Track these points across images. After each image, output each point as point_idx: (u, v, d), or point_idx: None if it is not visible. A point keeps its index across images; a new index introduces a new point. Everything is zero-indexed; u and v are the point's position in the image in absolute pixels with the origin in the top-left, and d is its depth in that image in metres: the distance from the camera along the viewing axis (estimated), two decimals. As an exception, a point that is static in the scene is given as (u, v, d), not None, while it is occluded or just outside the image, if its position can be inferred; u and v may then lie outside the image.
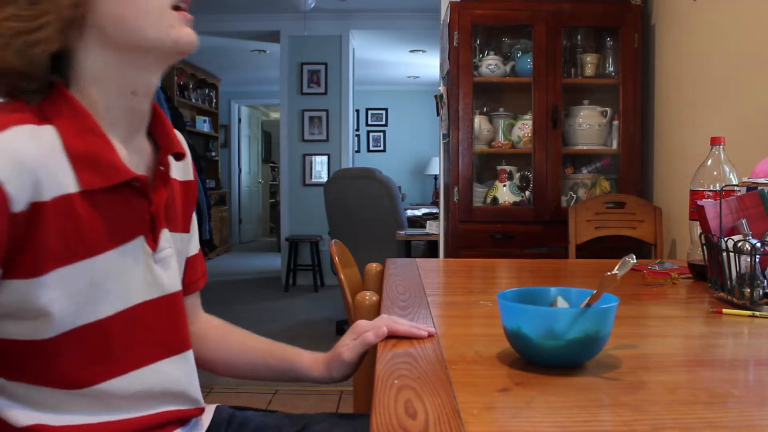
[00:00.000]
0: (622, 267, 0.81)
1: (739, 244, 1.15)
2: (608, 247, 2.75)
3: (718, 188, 1.39)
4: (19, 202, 0.69)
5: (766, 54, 2.06)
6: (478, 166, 3.19)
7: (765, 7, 2.07)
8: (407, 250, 4.42)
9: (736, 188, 1.36)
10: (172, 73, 6.30)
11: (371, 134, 9.42)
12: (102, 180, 0.77)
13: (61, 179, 0.74)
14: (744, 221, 1.21)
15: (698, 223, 1.30)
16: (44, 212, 0.72)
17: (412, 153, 9.30)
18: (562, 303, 0.86)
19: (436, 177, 8.92)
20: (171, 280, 0.90)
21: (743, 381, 0.78)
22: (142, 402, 0.84)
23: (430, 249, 4.82)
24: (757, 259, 1.13)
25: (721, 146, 1.45)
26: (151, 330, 0.86)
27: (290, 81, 6.50)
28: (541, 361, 0.79)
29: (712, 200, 1.33)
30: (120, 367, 0.81)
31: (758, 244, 1.13)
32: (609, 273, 0.80)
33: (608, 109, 3.01)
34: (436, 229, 3.91)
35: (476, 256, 2.80)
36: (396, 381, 0.75)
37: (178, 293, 0.91)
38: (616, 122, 2.99)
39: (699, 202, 1.29)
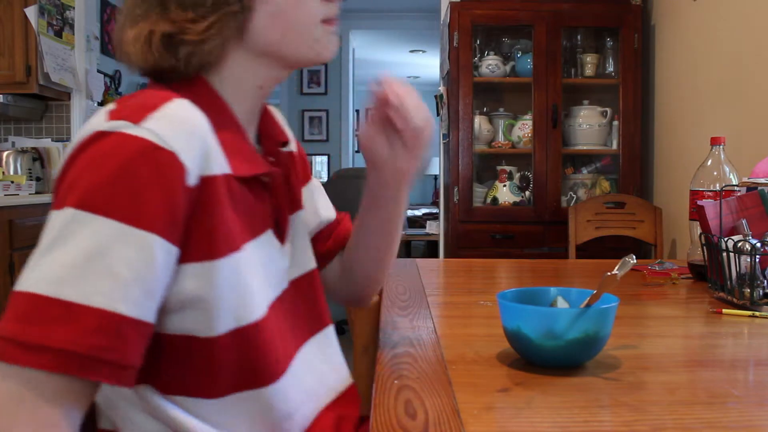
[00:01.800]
0: (622, 267, 0.81)
1: (739, 244, 1.15)
2: (608, 247, 2.75)
3: (718, 188, 1.39)
4: (192, 175, 0.65)
5: (766, 54, 2.06)
6: (478, 166, 3.19)
7: (765, 7, 2.07)
8: (407, 250, 4.42)
9: (736, 188, 1.36)
10: (172, 73, 6.30)
11: (371, 134, 9.40)
12: (248, 168, 0.74)
13: (217, 157, 0.69)
14: (744, 221, 1.21)
15: (698, 223, 1.30)
16: (216, 187, 0.68)
17: (412, 153, 9.29)
18: (562, 303, 0.86)
19: (436, 177, 8.92)
20: (299, 267, 0.87)
21: (743, 381, 0.78)
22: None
23: (430, 249, 4.81)
24: (757, 259, 1.13)
25: (721, 146, 1.45)
26: (292, 320, 0.83)
27: (290, 81, 6.49)
28: (541, 361, 0.79)
29: (712, 200, 1.33)
30: (276, 368, 0.76)
31: (758, 244, 1.13)
32: (609, 273, 0.80)
33: (608, 109, 3.01)
34: (436, 229, 3.91)
35: (476, 256, 2.80)
36: (396, 381, 0.75)
37: (309, 274, 0.88)
38: (616, 122, 2.99)
39: (699, 202, 1.29)
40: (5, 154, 3.14)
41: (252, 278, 0.74)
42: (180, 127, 0.64)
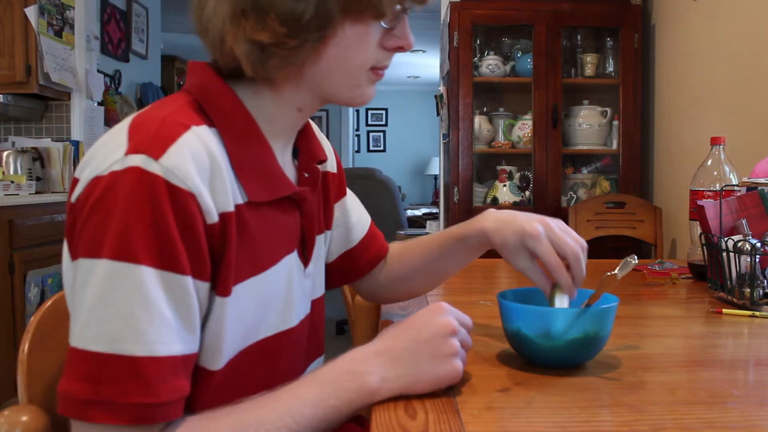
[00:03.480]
0: (623, 267, 0.81)
1: (739, 244, 1.15)
2: (608, 247, 2.75)
3: (718, 188, 1.39)
4: (212, 213, 0.66)
5: (766, 54, 2.06)
6: (478, 166, 3.19)
7: (765, 8, 2.07)
8: (407, 250, 4.40)
9: (736, 188, 1.36)
10: (172, 73, 6.30)
11: (371, 134, 9.42)
12: (267, 193, 0.74)
13: (231, 187, 0.69)
14: (744, 221, 1.21)
15: (698, 223, 1.30)
16: (230, 223, 0.68)
17: (412, 153, 9.30)
18: (560, 299, 0.85)
19: (436, 177, 8.92)
20: (317, 289, 0.89)
21: (743, 381, 0.78)
22: None
23: (430, 249, 4.80)
24: (757, 259, 1.13)
25: (721, 146, 1.45)
26: (301, 343, 0.84)
27: (290, 81, 6.47)
28: (541, 361, 0.79)
29: (712, 200, 1.33)
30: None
31: (758, 244, 1.13)
32: (609, 273, 0.80)
33: (608, 109, 3.01)
34: (436, 228, 3.92)
35: (476, 256, 2.79)
36: (396, 381, 0.75)
37: (320, 299, 0.90)
38: (616, 122, 2.99)
39: (699, 202, 1.29)
40: (5, 154, 3.14)
41: (271, 300, 0.76)
42: (197, 166, 0.65)
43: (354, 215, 1.00)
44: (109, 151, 0.64)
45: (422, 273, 1.02)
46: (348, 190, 1.01)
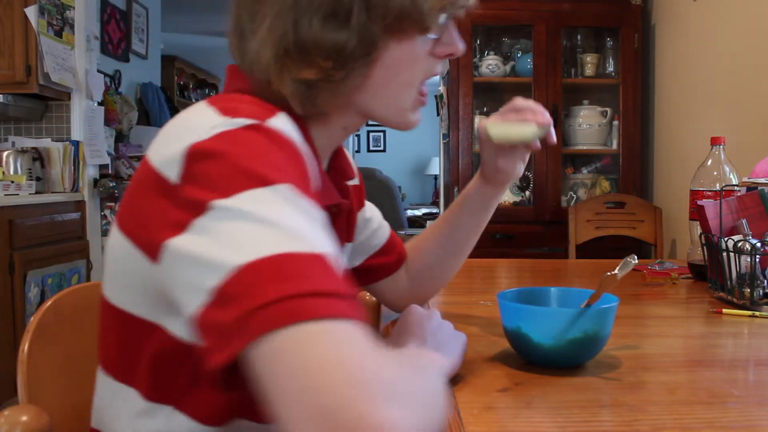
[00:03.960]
0: (623, 267, 0.81)
1: (739, 244, 1.15)
2: (608, 247, 2.75)
3: (718, 188, 1.39)
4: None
5: (766, 54, 2.06)
6: (478, 166, 3.19)
7: (765, 8, 2.07)
8: (407, 250, 4.42)
9: (736, 188, 1.36)
10: (173, 73, 6.30)
11: (371, 134, 9.42)
12: (320, 198, 0.71)
13: None
14: (744, 221, 1.21)
15: (698, 223, 1.30)
16: None
17: (412, 153, 9.30)
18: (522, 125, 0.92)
19: (436, 177, 8.92)
20: None
21: (743, 381, 0.78)
22: None
23: (430, 249, 4.81)
24: (757, 259, 1.13)
25: (721, 146, 1.45)
26: None
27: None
28: (541, 361, 0.79)
29: (712, 200, 1.33)
30: None
31: (758, 244, 1.13)
32: (609, 273, 0.80)
33: (608, 109, 3.01)
34: (436, 229, 3.91)
35: (476, 256, 2.79)
36: (396, 381, 0.75)
37: None
38: (616, 122, 2.99)
39: (699, 202, 1.29)
40: (5, 154, 3.14)
41: None
42: (296, 144, 0.63)
43: (375, 222, 1.03)
44: (199, 124, 0.59)
45: (443, 255, 1.05)
46: (368, 203, 1.04)
